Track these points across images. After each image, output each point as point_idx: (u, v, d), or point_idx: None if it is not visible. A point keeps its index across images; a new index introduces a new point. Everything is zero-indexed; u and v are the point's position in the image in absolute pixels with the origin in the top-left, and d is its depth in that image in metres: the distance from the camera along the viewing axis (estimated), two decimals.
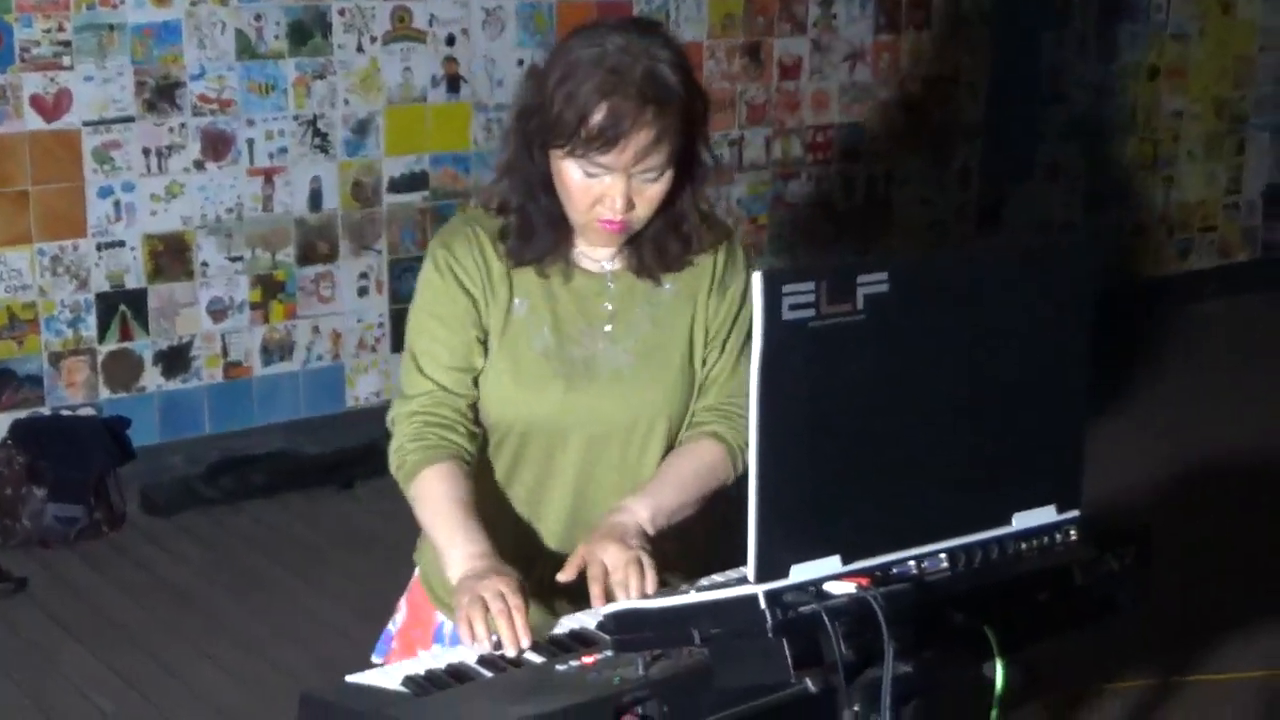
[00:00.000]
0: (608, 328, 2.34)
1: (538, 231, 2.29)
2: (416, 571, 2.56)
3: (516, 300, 2.32)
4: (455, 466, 2.27)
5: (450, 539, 2.20)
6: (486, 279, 2.31)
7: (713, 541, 2.38)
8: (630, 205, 2.21)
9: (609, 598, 2.11)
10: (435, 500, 2.25)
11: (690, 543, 2.34)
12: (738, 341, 2.39)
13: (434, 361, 2.32)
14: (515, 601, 2.04)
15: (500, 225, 2.32)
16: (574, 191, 2.21)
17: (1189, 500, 5.03)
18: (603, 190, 2.20)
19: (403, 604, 2.57)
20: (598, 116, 2.13)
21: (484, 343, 2.32)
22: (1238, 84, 7.64)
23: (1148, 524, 1.97)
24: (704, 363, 2.39)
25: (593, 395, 2.32)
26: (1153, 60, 7.34)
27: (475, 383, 2.33)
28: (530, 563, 2.29)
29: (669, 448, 2.38)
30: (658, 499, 2.28)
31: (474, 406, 2.34)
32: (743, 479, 1.67)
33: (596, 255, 2.34)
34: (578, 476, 2.36)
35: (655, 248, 2.32)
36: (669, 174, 2.22)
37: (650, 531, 2.23)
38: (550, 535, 2.39)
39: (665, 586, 2.18)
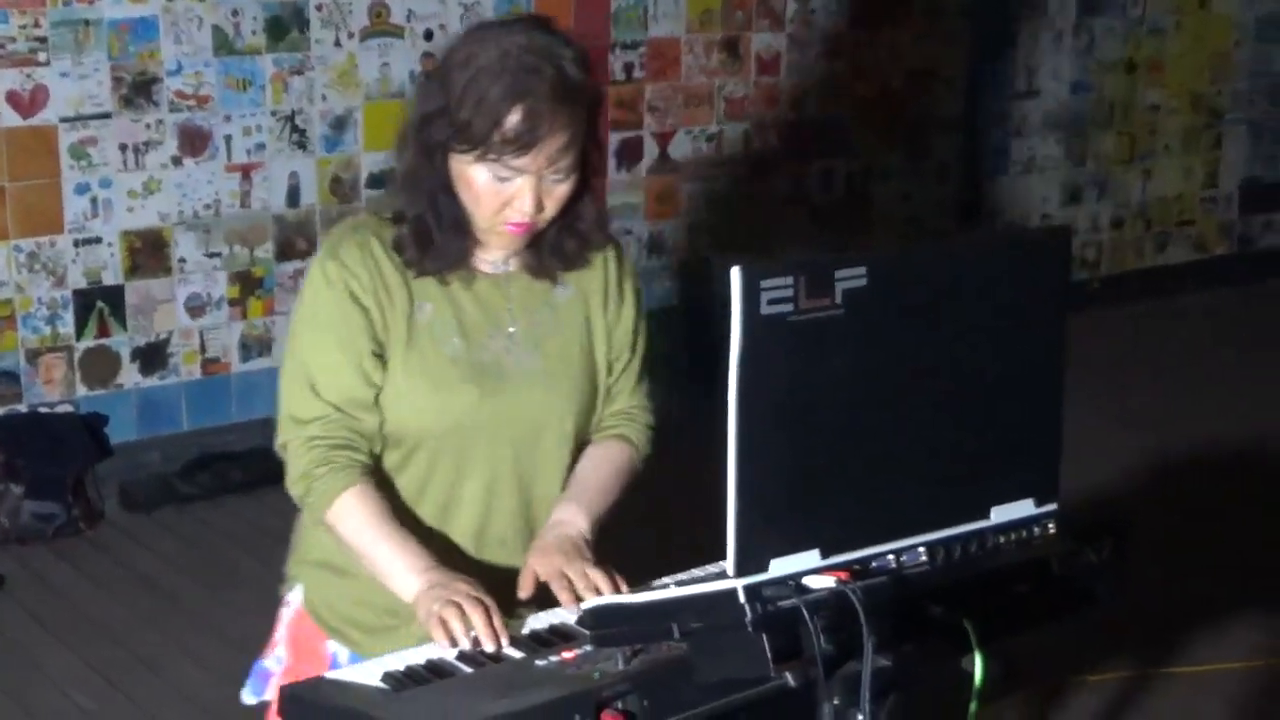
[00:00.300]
0: (511, 329, 2.29)
1: (436, 240, 2.22)
2: (295, 601, 2.46)
3: (419, 304, 2.25)
4: (370, 486, 2.22)
5: (394, 559, 2.16)
6: (382, 287, 2.23)
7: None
8: (540, 207, 2.18)
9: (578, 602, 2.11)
10: (364, 523, 2.19)
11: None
12: (641, 347, 2.40)
13: (330, 382, 2.23)
14: (488, 602, 2.04)
15: (395, 234, 2.24)
16: (482, 196, 2.17)
17: (1165, 493, 5.05)
18: (513, 193, 2.15)
19: (280, 639, 2.48)
20: (513, 120, 2.10)
21: (380, 357, 2.24)
22: (1214, 78, 7.66)
23: (1125, 516, 1.99)
24: (610, 370, 2.37)
25: (505, 399, 2.27)
26: (1130, 54, 7.36)
27: (376, 401, 2.25)
28: None
29: (576, 449, 2.35)
30: (589, 505, 2.28)
31: (373, 427, 2.25)
32: (722, 473, 1.67)
33: (493, 258, 2.29)
34: (487, 484, 2.30)
35: (553, 247, 2.28)
36: (576, 173, 2.19)
37: (591, 539, 2.23)
38: (463, 543, 2.33)
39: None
